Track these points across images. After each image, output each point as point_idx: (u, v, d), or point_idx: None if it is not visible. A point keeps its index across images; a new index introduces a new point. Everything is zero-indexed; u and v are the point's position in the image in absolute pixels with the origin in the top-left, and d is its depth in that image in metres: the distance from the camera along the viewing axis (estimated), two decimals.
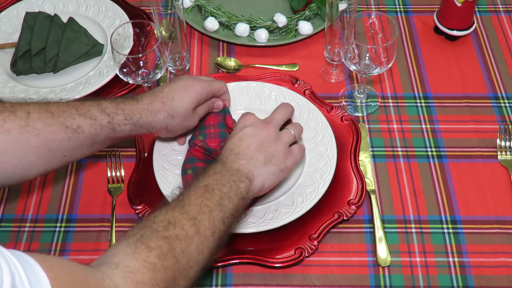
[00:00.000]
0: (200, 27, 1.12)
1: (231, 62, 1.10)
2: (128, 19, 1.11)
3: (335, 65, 1.07)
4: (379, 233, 0.86)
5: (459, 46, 1.11)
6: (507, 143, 0.96)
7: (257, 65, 1.09)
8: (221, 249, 0.70)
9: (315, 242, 0.83)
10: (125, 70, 0.92)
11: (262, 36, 1.09)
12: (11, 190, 0.92)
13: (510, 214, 0.88)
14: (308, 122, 0.95)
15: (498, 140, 0.97)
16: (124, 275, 0.57)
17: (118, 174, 0.93)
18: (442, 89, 1.05)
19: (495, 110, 1.01)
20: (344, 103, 1.03)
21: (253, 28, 1.11)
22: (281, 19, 1.09)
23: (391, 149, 0.96)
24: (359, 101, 1.03)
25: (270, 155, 0.76)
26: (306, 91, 1.01)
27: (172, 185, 0.87)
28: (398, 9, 1.19)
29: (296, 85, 1.02)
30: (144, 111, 0.78)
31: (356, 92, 1.03)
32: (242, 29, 1.10)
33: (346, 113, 0.98)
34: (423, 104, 1.02)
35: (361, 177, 0.90)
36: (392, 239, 0.86)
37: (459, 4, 1.04)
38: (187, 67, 1.05)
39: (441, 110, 1.02)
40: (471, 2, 1.04)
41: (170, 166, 0.90)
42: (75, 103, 0.75)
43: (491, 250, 0.85)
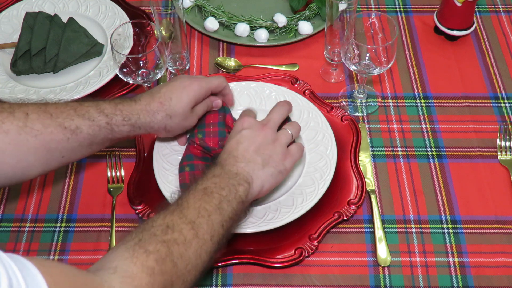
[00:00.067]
0: (200, 27, 1.12)
1: (231, 62, 1.10)
2: (128, 19, 1.11)
3: (335, 65, 1.07)
4: (379, 233, 0.86)
5: (459, 46, 1.11)
6: (507, 143, 0.96)
7: (257, 65, 1.09)
8: (220, 251, 0.70)
9: (315, 242, 0.83)
10: (125, 70, 0.92)
11: (262, 36, 1.09)
12: (11, 190, 0.92)
13: (510, 214, 0.88)
14: (308, 122, 0.95)
15: (498, 140, 0.97)
16: (122, 279, 0.56)
17: (118, 174, 0.93)
18: (442, 89, 1.05)
19: (495, 110, 1.02)
20: (344, 103, 1.03)
21: (253, 28, 1.11)
22: (281, 19, 1.09)
23: (391, 149, 0.96)
24: (359, 101, 1.03)
25: (268, 157, 0.76)
26: (306, 91, 1.01)
27: (172, 185, 0.87)
28: (398, 9, 1.19)
29: (296, 85, 1.02)
30: (142, 111, 0.78)
31: (356, 92, 1.03)
32: (242, 29, 1.10)
33: (346, 113, 0.98)
34: (423, 104, 1.02)
35: (361, 177, 0.90)
36: (392, 239, 0.86)
37: (459, 4, 1.04)
38: (187, 67, 1.05)
39: (441, 110, 1.02)
40: (471, 2, 1.04)
41: (170, 166, 0.90)
42: (73, 103, 0.75)
43: (491, 250, 0.85)
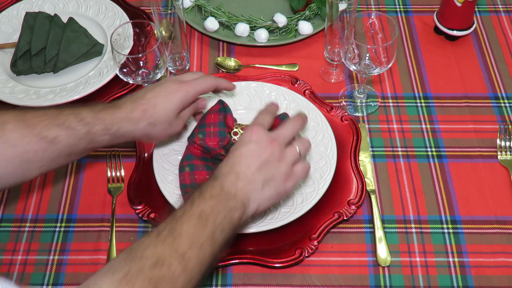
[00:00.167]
0: (200, 27, 1.12)
1: (231, 62, 1.10)
2: (128, 19, 1.11)
3: (335, 65, 1.07)
4: (379, 233, 0.86)
5: (459, 46, 1.11)
6: (507, 143, 0.96)
7: (257, 65, 1.09)
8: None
9: (315, 242, 0.83)
10: (125, 70, 0.92)
11: (262, 36, 1.09)
12: (11, 190, 0.92)
13: (510, 214, 0.88)
14: (308, 122, 0.95)
15: (498, 140, 0.97)
16: None
17: (118, 174, 0.93)
18: (442, 89, 1.05)
19: (495, 110, 1.02)
20: (344, 103, 1.03)
21: (253, 28, 1.11)
22: (281, 19, 1.09)
23: (391, 149, 0.96)
24: (359, 101, 1.03)
25: (270, 177, 0.73)
26: (306, 91, 1.01)
27: (172, 185, 0.87)
28: (398, 9, 1.19)
29: (296, 85, 1.02)
30: (124, 120, 0.75)
31: (356, 92, 1.03)
32: (242, 29, 1.10)
33: (346, 113, 0.98)
34: (423, 104, 1.02)
35: (361, 177, 0.90)
36: (392, 239, 0.86)
37: (459, 4, 1.04)
38: (187, 67, 1.05)
39: (441, 110, 1.02)
40: (471, 2, 1.04)
41: (170, 166, 0.90)
42: (53, 112, 0.73)
43: (491, 250, 0.85)
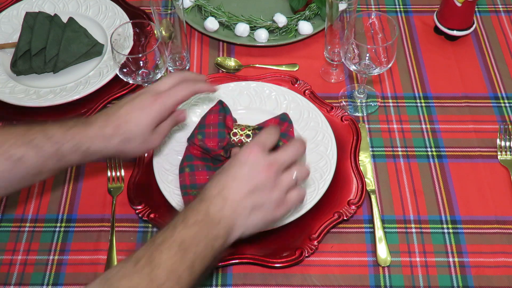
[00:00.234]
0: (200, 27, 1.12)
1: (231, 62, 1.10)
2: (128, 19, 1.11)
3: (335, 65, 1.07)
4: (379, 233, 0.86)
5: (459, 46, 1.11)
6: (507, 143, 0.96)
7: (257, 65, 1.09)
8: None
9: (315, 242, 0.83)
10: (125, 70, 0.92)
11: (262, 36, 1.09)
12: None
13: (510, 214, 0.88)
14: (308, 122, 0.95)
15: (498, 140, 0.97)
16: None
17: (118, 174, 0.93)
18: (442, 89, 1.05)
19: (495, 110, 1.02)
20: (344, 103, 1.03)
21: (253, 28, 1.11)
22: (281, 19, 1.09)
23: (391, 149, 0.96)
24: (359, 101, 1.03)
25: (259, 204, 0.68)
26: (306, 91, 1.01)
27: (172, 185, 0.87)
28: (398, 9, 1.19)
29: (296, 85, 1.02)
30: (95, 137, 0.73)
31: (356, 92, 1.03)
32: (242, 29, 1.10)
33: (346, 113, 0.98)
34: (423, 104, 1.02)
35: (361, 177, 0.90)
36: (392, 239, 0.86)
37: (459, 4, 1.04)
38: (187, 67, 1.05)
39: (441, 110, 1.02)
40: (471, 2, 1.04)
41: (170, 166, 0.90)
42: (21, 129, 0.71)
43: (491, 250, 0.85)
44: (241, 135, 0.90)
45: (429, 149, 0.96)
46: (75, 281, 0.82)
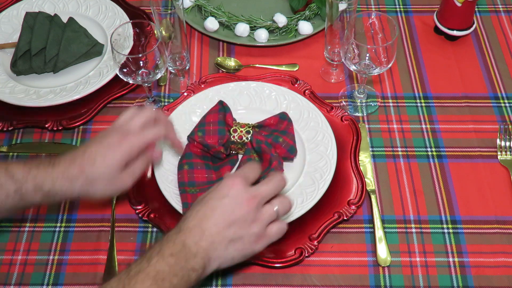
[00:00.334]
0: (200, 27, 1.12)
1: (231, 62, 1.10)
2: (128, 19, 1.11)
3: (335, 65, 1.07)
4: (379, 233, 0.86)
5: (459, 46, 1.11)
6: (507, 143, 0.96)
7: (257, 65, 1.09)
8: None
9: (315, 242, 0.83)
10: (125, 70, 0.92)
11: (262, 36, 1.09)
12: None
13: (510, 214, 0.88)
14: (308, 122, 0.95)
15: (498, 140, 0.97)
16: None
17: None
18: (442, 89, 1.05)
19: (495, 110, 1.02)
20: (344, 103, 1.03)
21: (253, 28, 1.11)
22: (281, 19, 1.09)
23: (391, 149, 0.96)
24: (359, 101, 1.03)
25: (238, 237, 0.67)
26: (306, 91, 1.01)
27: (172, 185, 0.87)
28: (398, 9, 1.19)
29: (296, 85, 1.02)
30: (58, 178, 0.71)
31: (356, 92, 1.03)
32: (242, 29, 1.10)
33: (346, 113, 0.98)
34: (423, 104, 1.02)
35: (361, 177, 0.90)
36: (392, 239, 0.86)
37: (459, 4, 1.04)
38: (187, 67, 1.05)
39: (441, 110, 1.02)
40: (471, 2, 1.04)
41: (170, 166, 0.90)
42: None
43: (491, 250, 0.85)
44: (241, 132, 0.90)
45: (429, 149, 0.96)
46: (75, 281, 0.82)
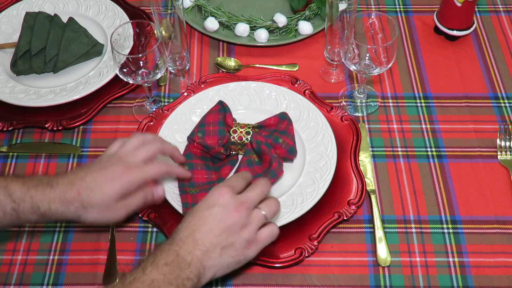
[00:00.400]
0: (200, 27, 1.12)
1: (231, 62, 1.10)
2: (128, 19, 1.11)
3: (335, 65, 1.07)
4: (379, 233, 0.86)
5: (459, 46, 1.11)
6: (507, 143, 0.96)
7: (257, 65, 1.09)
8: None
9: (315, 242, 0.83)
10: (125, 70, 0.92)
11: (262, 36, 1.09)
12: None
13: (510, 214, 0.88)
14: (308, 122, 0.95)
15: (498, 140, 0.97)
16: None
17: None
18: (442, 89, 1.05)
19: (495, 110, 1.02)
20: (344, 103, 1.03)
21: (253, 28, 1.11)
22: (281, 19, 1.09)
23: (391, 149, 0.96)
24: (359, 101, 1.03)
25: (229, 244, 0.69)
26: (306, 91, 1.01)
27: (172, 185, 0.87)
28: (398, 9, 1.19)
29: (296, 85, 1.02)
30: (55, 201, 0.71)
31: (356, 92, 1.03)
32: (242, 29, 1.10)
33: (346, 113, 0.98)
34: (423, 104, 1.02)
35: (361, 177, 0.90)
36: (392, 239, 0.86)
37: (459, 4, 1.04)
38: (187, 67, 1.05)
39: (441, 110, 1.02)
40: (471, 2, 1.04)
41: None
42: None
43: (491, 250, 0.85)
44: (241, 132, 0.90)
45: (429, 149, 0.96)
46: (75, 281, 0.82)
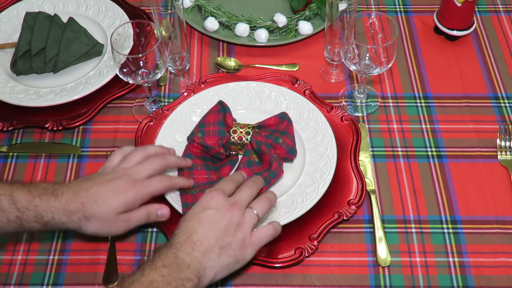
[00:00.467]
0: (200, 27, 1.12)
1: (231, 62, 1.10)
2: (128, 19, 1.11)
3: (335, 65, 1.07)
4: (379, 233, 0.86)
5: (459, 46, 1.11)
6: (507, 143, 0.96)
7: (257, 65, 1.09)
8: None
9: (315, 242, 0.83)
10: (125, 70, 0.92)
11: (262, 36, 1.09)
12: None
13: (510, 214, 0.88)
14: (308, 122, 0.95)
15: (498, 140, 0.97)
16: None
17: None
18: (442, 89, 1.05)
19: (495, 110, 1.02)
20: (344, 103, 1.03)
21: (253, 28, 1.11)
22: (281, 19, 1.09)
23: (391, 149, 0.96)
24: (359, 101, 1.03)
25: (227, 245, 0.70)
26: (306, 91, 1.01)
27: None
28: (398, 9, 1.19)
29: (296, 85, 1.02)
30: (58, 211, 0.72)
31: (356, 92, 1.03)
32: (242, 29, 1.10)
33: (346, 113, 0.98)
34: (423, 104, 1.02)
35: (361, 177, 0.90)
36: (392, 239, 0.86)
37: (459, 4, 1.04)
38: (187, 67, 1.05)
39: (441, 110, 1.02)
40: (471, 2, 1.04)
41: None
42: None
43: (491, 250, 0.85)
44: (241, 133, 0.90)
45: (429, 149, 0.96)
46: (75, 281, 0.82)
